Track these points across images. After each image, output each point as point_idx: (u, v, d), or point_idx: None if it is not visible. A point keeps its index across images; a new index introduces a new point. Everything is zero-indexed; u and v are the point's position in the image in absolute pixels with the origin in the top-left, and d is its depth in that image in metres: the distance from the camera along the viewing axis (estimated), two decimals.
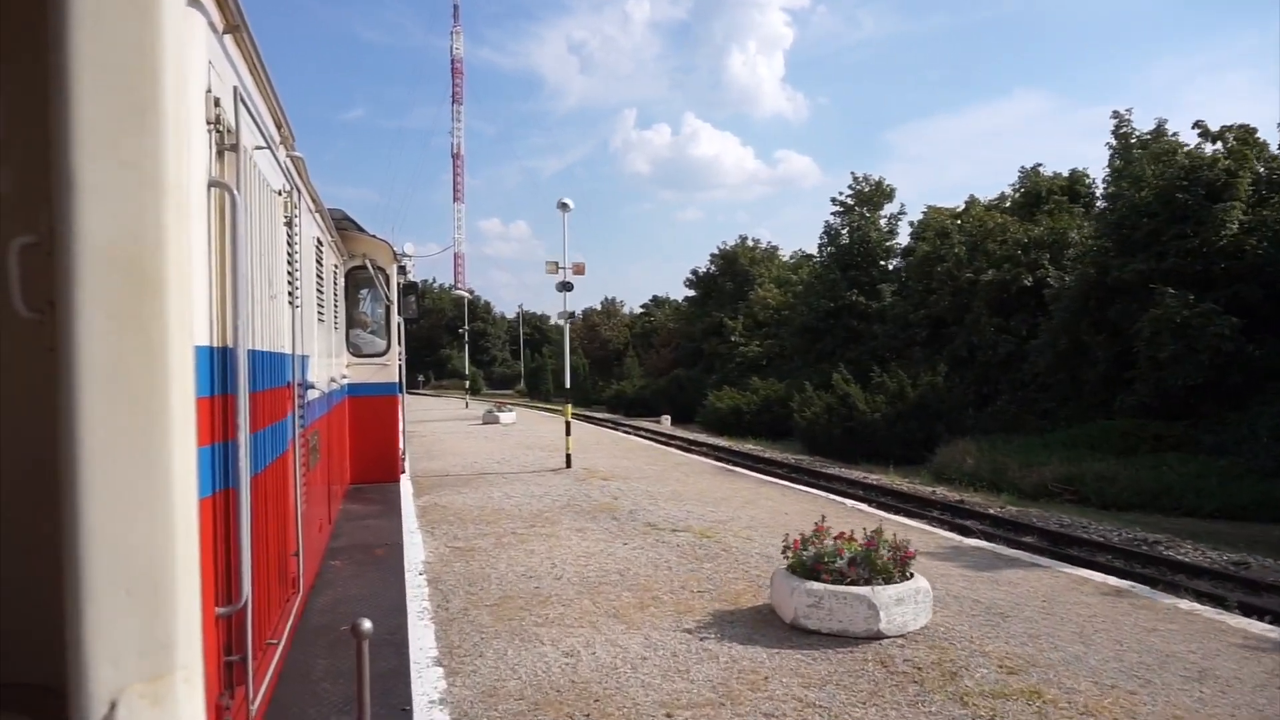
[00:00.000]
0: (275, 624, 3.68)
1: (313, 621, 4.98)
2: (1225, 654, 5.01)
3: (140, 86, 1.65)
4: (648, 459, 15.72)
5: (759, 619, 5.62)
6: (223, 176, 2.64)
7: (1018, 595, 6.26)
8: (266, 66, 3.32)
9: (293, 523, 4.31)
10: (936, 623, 5.47)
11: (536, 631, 5.38)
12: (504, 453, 16.28)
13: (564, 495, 10.91)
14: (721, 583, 6.53)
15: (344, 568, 6.35)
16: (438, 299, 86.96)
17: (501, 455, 15.83)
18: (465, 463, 14.64)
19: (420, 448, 17.20)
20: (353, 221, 9.20)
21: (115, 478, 1.58)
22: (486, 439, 19.60)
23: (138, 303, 1.63)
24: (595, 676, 4.64)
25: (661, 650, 5.03)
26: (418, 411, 30.56)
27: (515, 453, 16.26)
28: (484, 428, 23.35)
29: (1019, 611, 5.82)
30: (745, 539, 8.19)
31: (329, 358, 7.22)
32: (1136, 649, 5.08)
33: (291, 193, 4.23)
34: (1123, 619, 5.69)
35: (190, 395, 1.77)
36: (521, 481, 12.22)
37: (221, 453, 2.51)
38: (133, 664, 1.56)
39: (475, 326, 79.06)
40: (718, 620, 5.61)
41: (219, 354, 2.53)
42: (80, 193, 1.59)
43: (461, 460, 15.03)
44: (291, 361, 4.22)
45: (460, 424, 25.00)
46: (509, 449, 16.99)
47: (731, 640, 5.21)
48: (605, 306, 71.85)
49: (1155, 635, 5.35)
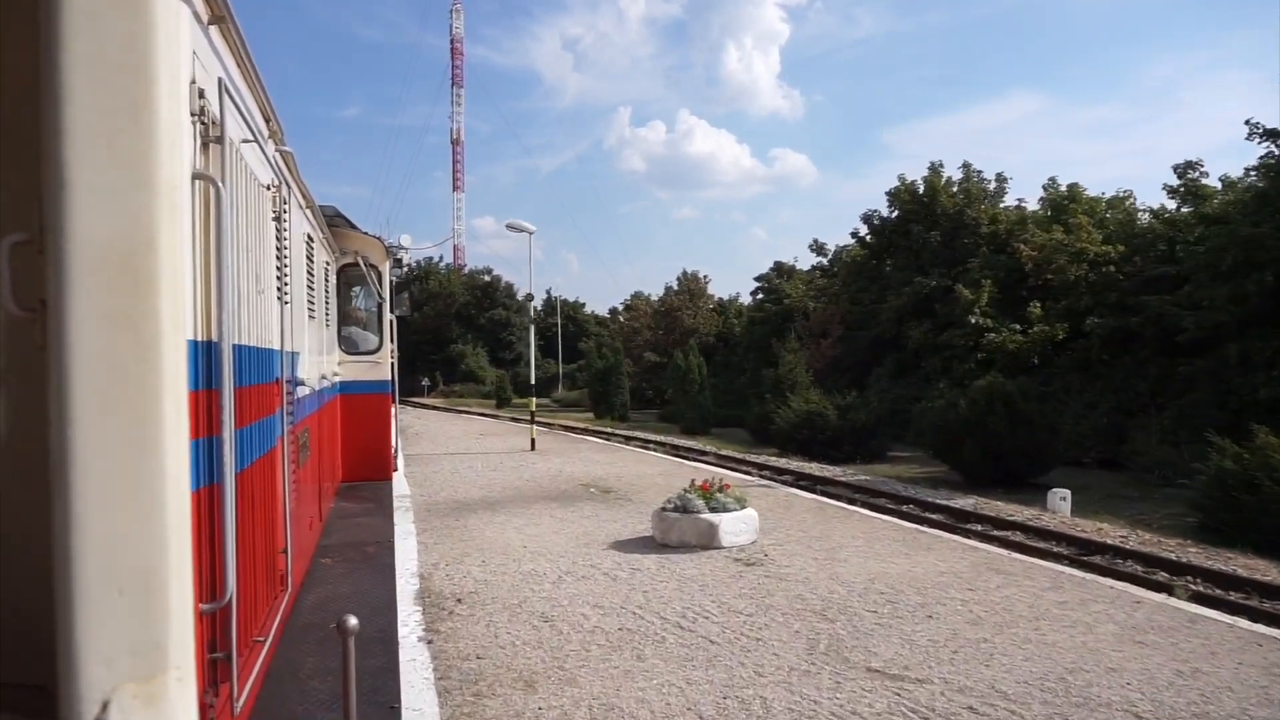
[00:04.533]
0: (263, 621, 3.67)
1: (302, 619, 4.97)
2: None
3: (133, 84, 1.65)
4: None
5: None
6: (207, 169, 2.63)
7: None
8: (254, 59, 3.31)
9: (281, 519, 4.29)
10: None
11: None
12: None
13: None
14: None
15: (334, 565, 6.34)
16: (445, 282, 69.08)
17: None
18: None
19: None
20: (345, 218, 9.17)
21: (108, 478, 1.57)
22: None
23: (130, 301, 1.62)
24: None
25: None
26: (423, 448, 18.27)
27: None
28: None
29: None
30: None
31: (320, 355, 7.20)
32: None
33: (280, 187, 4.21)
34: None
35: (183, 394, 1.77)
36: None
37: (205, 448, 2.50)
38: (125, 664, 1.56)
39: (496, 315, 66.34)
40: None
41: (203, 348, 2.52)
42: (72, 191, 1.59)
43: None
44: (280, 358, 4.20)
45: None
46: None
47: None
48: (685, 284, 51.22)
49: None
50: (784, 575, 7.18)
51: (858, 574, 7.25)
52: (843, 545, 8.41)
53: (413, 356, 56.20)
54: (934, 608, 6.27)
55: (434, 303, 65.53)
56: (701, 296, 50.97)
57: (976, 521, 12.62)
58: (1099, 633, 5.72)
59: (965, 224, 31.01)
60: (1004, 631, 5.73)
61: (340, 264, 9.41)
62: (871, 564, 7.64)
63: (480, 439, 21.28)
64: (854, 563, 7.67)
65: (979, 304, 26.94)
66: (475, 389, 55.63)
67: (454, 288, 68.48)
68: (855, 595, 6.59)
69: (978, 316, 26.79)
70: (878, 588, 6.82)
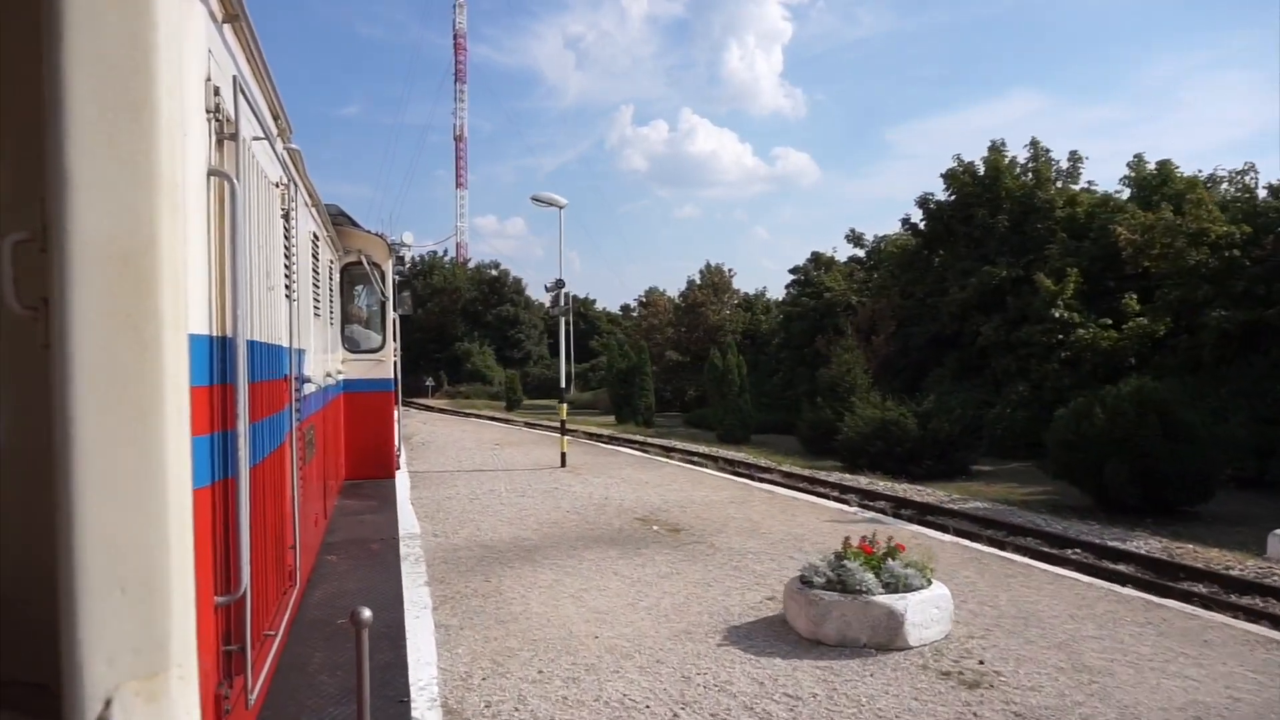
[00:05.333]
0: (273, 616, 3.68)
1: (309, 615, 4.98)
2: None
3: (134, 83, 1.65)
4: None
5: None
6: (222, 165, 2.64)
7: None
8: (265, 57, 3.32)
9: (290, 516, 4.31)
10: None
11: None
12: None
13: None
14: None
15: (340, 562, 6.36)
16: (450, 276, 64.68)
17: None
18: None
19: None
20: (348, 217, 9.18)
21: (109, 476, 1.58)
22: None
23: (132, 299, 1.62)
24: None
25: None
26: (431, 462, 15.49)
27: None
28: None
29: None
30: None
31: (325, 353, 7.21)
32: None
33: (289, 185, 4.22)
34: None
35: (185, 393, 1.77)
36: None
37: (220, 442, 2.50)
38: (127, 661, 1.56)
39: (504, 311, 62.46)
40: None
41: (218, 343, 2.53)
42: (74, 189, 1.59)
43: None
44: (288, 355, 4.21)
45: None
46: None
47: None
48: (708, 277, 46.44)
49: None
50: (1039, 714, 4.39)
51: (1151, 704, 4.50)
52: (1075, 637, 5.57)
53: (416, 355, 54.19)
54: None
55: (438, 298, 61.66)
56: (727, 290, 46.47)
57: (1235, 589, 9.21)
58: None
59: (1036, 207, 27.56)
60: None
61: (344, 262, 9.43)
62: (1165, 683, 4.78)
63: (498, 451, 17.73)
64: (1124, 674, 4.91)
65: (1063, 295, 23.43)
66: (482, 389, 52.97)
67: (459, 282, 64.22)
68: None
69: (1061, 310, 23.32)
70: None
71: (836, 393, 23.62)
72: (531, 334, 63.80)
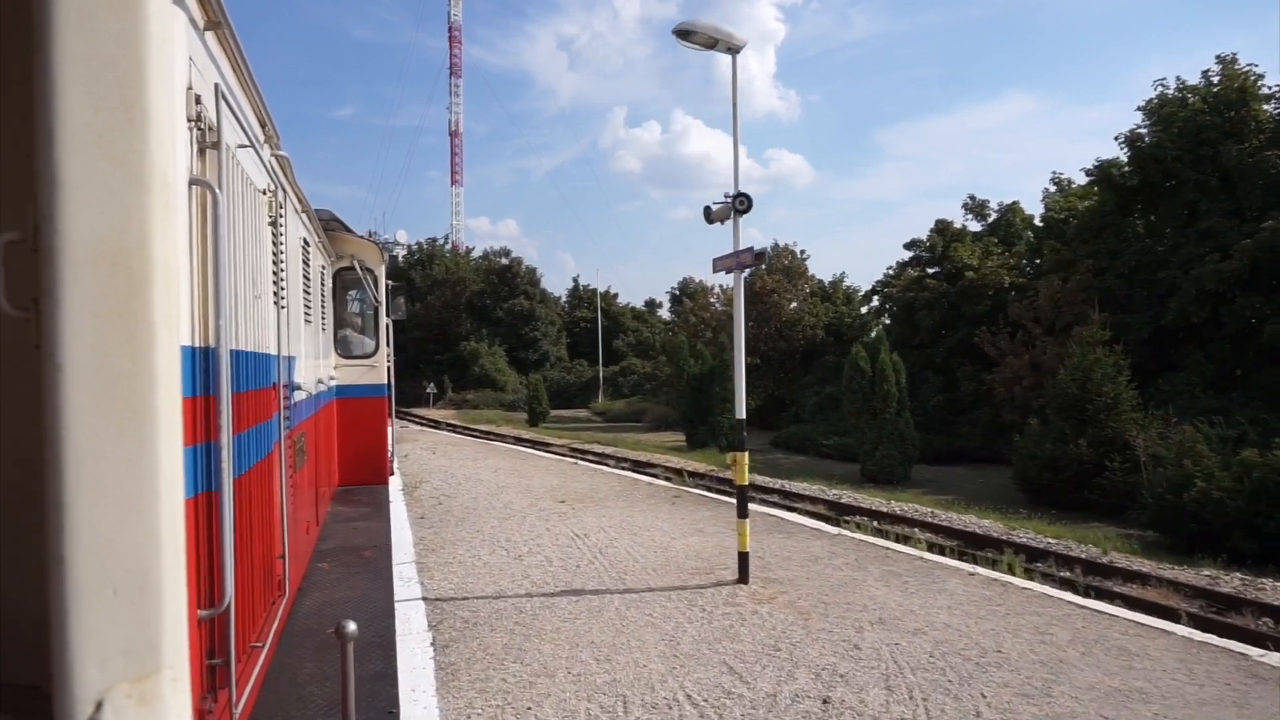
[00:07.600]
0: (260, 627, 3.66)
1: (300, 624, 4.95)
2: None
3: (126, 82, 1.65)
4: None
5: None
6: (204, 174, 2.64)
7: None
8: (250, 64, 3.31)
9: (278, 525, 4.28)
10: None
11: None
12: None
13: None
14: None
15: (331, 570, 6.32)
16: (452, 266, 56.69)
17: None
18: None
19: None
20: (340, 222, 9.17)
21: (101, 476, 1.57)
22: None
23: (124, 300, 1.62)
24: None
25: None
26: (460, 559, 7.98)
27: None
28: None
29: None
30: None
31: (316, 359, 7.19)
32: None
33: (276, 192, 4.21)
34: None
35: (177, 393, 1.76)
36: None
37: (204, 454, 2.50)
38: (119, 663, 1.55)
39: (516, 305, 53.64)
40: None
41: (200, 354, 2.52)
42: (65, 189, 1.59)
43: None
44: (277, 363, 4.20)
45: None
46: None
47: None
48: (778, 260, 37.62)
49: None
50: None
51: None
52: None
53: (414, 356, 47.63)
54: None
55: (440, 291, 52.81)
56: (802, 277, 38.27)
57: None
58: None
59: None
60: None
61: (336, 268, 9.42)
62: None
63: (566, 516, 10.14)
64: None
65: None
66: (494, 397, 44.19)
67: (464, 272, 55.26)
68: None
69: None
70: None
71: (1075, 413, 16.04)
72: (549, 332, 53.78)
